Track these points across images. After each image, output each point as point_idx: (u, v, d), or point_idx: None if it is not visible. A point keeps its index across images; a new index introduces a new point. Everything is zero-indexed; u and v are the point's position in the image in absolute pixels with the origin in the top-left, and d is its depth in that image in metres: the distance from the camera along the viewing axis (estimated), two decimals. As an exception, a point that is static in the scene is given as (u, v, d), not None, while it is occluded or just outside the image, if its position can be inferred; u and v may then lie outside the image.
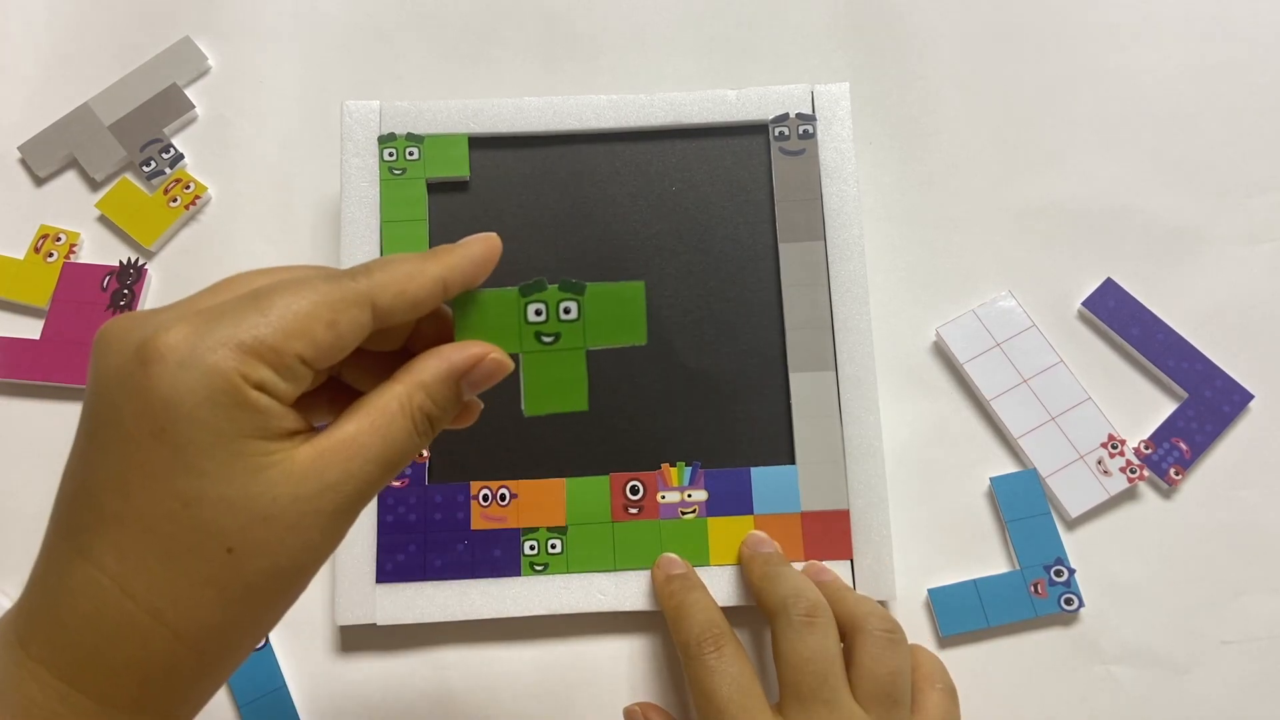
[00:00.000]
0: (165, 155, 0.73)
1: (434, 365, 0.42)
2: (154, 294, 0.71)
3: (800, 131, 0.68)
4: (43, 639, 0.36)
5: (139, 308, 0.70)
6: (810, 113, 0.68)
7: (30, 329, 0.70)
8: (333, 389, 0.45)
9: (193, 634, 0.36)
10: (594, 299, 0.48)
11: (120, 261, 0.71)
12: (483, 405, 0.46)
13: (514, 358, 0.45)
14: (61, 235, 0.72)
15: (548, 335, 0.48)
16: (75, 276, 0.71)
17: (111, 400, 0.36)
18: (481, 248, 0.44)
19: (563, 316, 0.48)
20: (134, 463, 0.35)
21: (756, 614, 0.61)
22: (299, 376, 0.38)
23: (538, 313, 0.48)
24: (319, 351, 0.38)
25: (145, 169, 0.73)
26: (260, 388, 0.36)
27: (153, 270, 0.72)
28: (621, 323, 0.48)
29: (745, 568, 0.61)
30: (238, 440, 0.36)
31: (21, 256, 0.71)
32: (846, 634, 0.56)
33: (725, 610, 0.58)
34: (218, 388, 0.35)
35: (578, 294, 0.48)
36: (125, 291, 0.70)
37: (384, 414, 0.40)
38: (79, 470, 0.37)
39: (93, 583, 0.35)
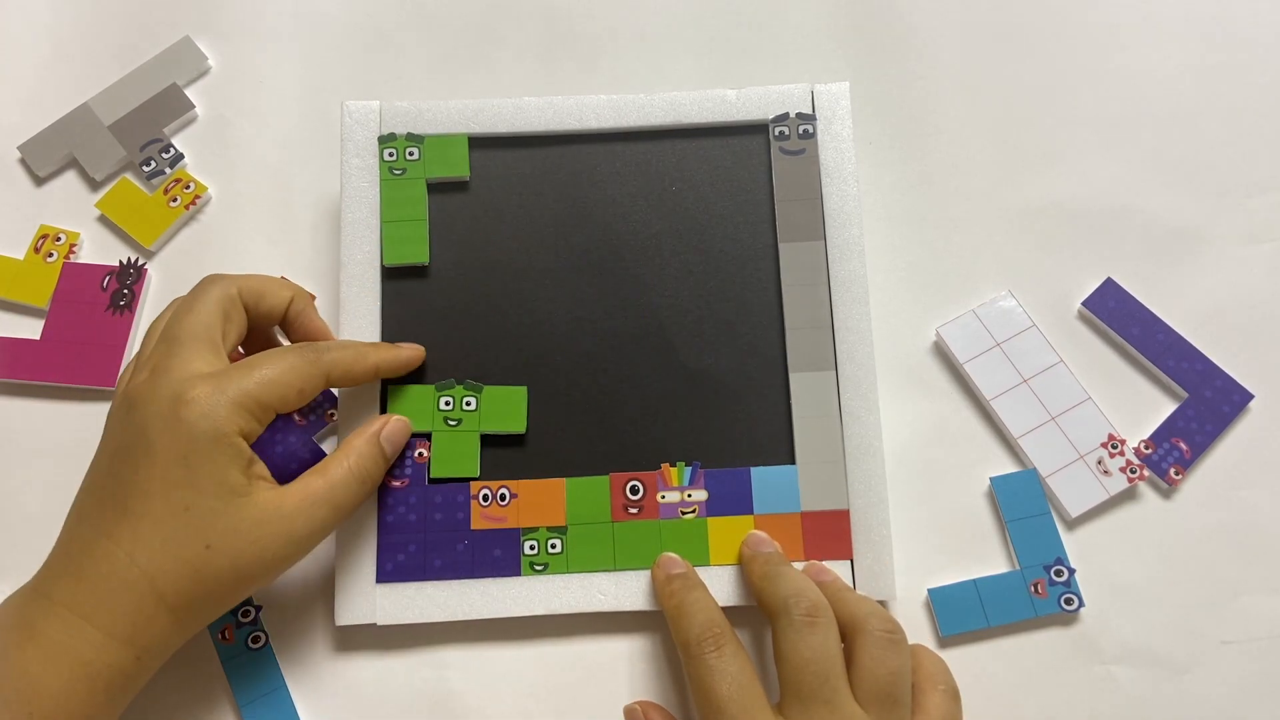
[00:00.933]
0: (165, 155, 0.73)
1: (361, 432, 0.61)
2: (154, 294, 0.71)
3: (800, 131, 0.68)
4: (68, 589, 0.52)
5: (139, 307, 0.70)
6: (810, 112, 0.68)
7: (30, 329, 0.70)
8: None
9: (171, 597, 0.52)
10: (488, 396, 0.65)
11: (120, 261, 0.71)
12: None
13: (426, 435, 0.64)
14: (61, 235, 0.72)
15: (453, 420, 0.65)
16: (75, 276, 0.71)
17: (147, 433, 0.52)
18: (410, 354, 0.64)
19: (465, 407, 0.65)
20: (158, 476, 0.52)
21: (757, 614, 0.61)
22: (267, 422, 0.57)
23: (446, 403, 0.65)
24: (288, 407, 0.57)
25: (145, 169, 0.73)
26: (245, 435, 0.54)
27: (152, 270, 0.72)
28: (507, 415, 0.65)
29: (746, 568, 0.61)
30: (228, 471, 0.53)
31: (21, 257, 0.71)
32: (847, 634, 0.56)
33: (725, 610, 0.58)
34: (222, 432, 0.53)
35: (476, 392, 0.65)
36: (125, 291, 0.70)
37: (334, 470, 0.58)
38: (107, 480, 0.54)
39: (111, 554, 0.51)
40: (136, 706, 0.57)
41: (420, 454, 0.64)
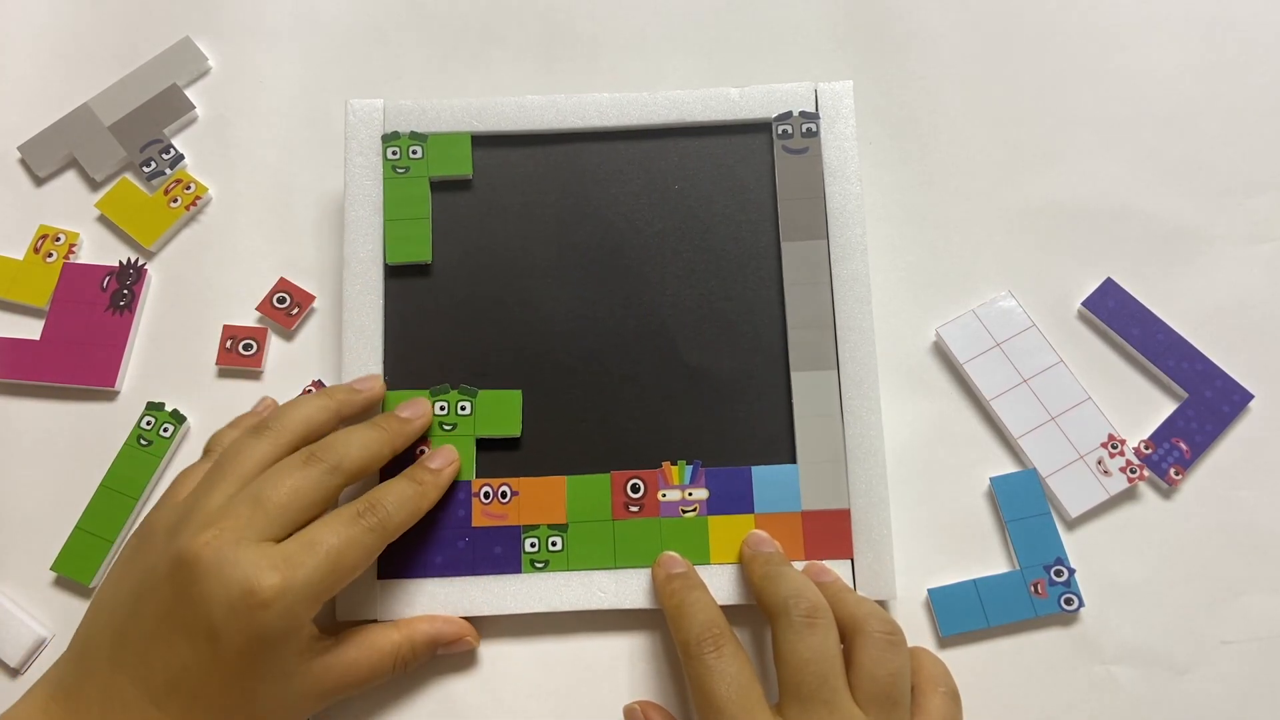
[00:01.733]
0: (165, 156, 0.73)
1: (425, 629, 0.60)
2: (154, 295, 0.71)
3: (803, 130, 0.68)
4: None
5: (139, 307, 0.70)
6: (814, 111, 0.68)
7: (29, 329, 0.70)
8: None
9: None
10: (483, 401, 0.65)
11: (120, 262, 0.71)
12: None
13: (424, 438, 0.64)
14: (61, 235, 0.72)
15: (448, 425, 0.65)
16: (75, 277, 0.71)
17: (211, 619, 0.50)
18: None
19: (459, 412, 0.65)
20: (220, 664, 0.51)
21: (757, 613, 0.61)
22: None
23: (441, 408, 0.65)
24: (350, 578, 0.56)
25: (145, 169, 0.73)
26: (307, 624, 0.54)
27: (153, 270, 0.71)
28: (502, 419, 0.65)
29: (746, 567, 0.61)
30: (287, 660, 0.53)
31: (21, 257, 0.71)
32: (847, 635, 0.56)
33: (725, 609, 0.58)
34: (291, 630, 0.52)
35: (471, 397, 0.65)
36: (125, 292, 0.70)
37: (377, 650, 0.58)
38: (153, 647, 0.52)
39: None
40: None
41: (421, 450, 0.64)
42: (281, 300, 0.70)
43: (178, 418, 0.68)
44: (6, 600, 0.65)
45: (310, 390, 0.68)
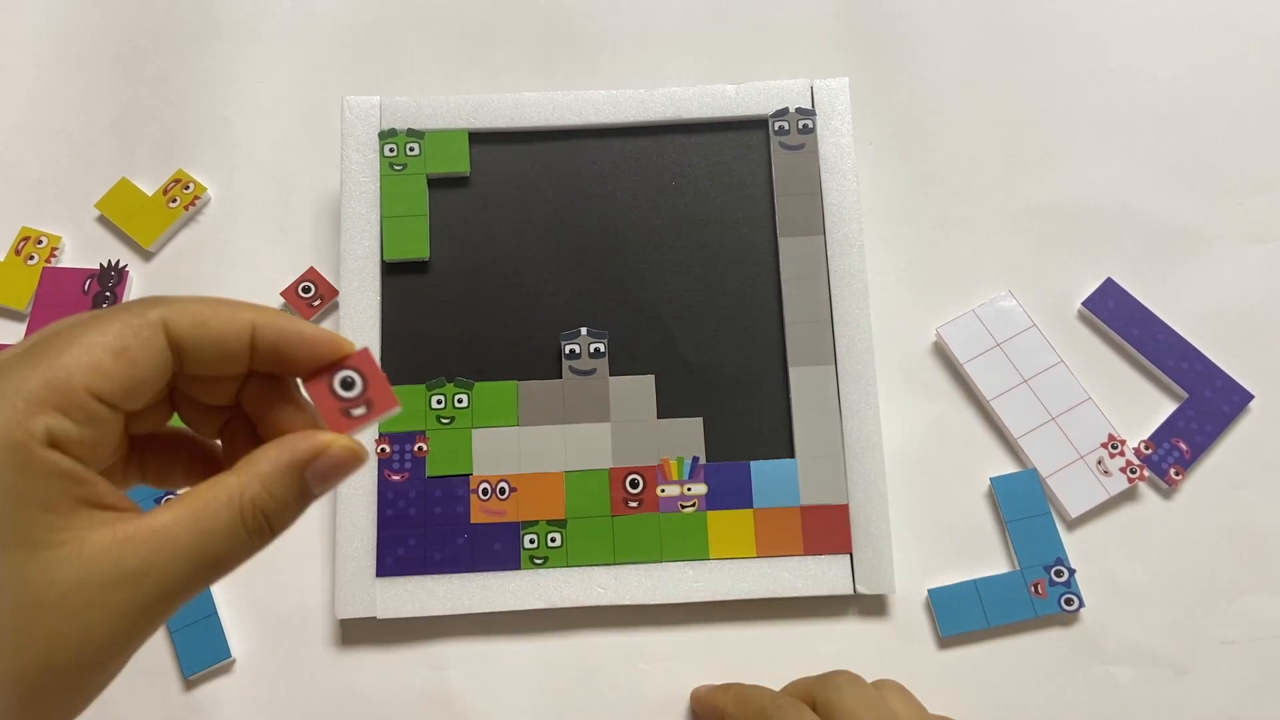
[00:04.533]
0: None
1: (273, 455, 0.36)
2: (138, 295, 0.70)
3: (800, 126, 0.68)
4: None
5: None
6: (810, 107, 0.69)
7: (10, 333, 0.70)
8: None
9: None
10: (480, 393, 0.65)
11: (101, 264, 0.71)
12: None
13: (421, 433, 0.64)
14: (43, 239, 0.71)
15: (445, 418, 0.65)
16: (55, 281, 0.71)
17: None
18: (318, 333, 0.38)
19: (456, 405, 0.65)
20: None
21: (756, 609, 0.62)
22: (98, 419, 0.33)
23: (438, 402, 0.65)
24: (112, 384, 0.33)
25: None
26: (54, 442, 0.32)
27: (152, 270, 0.71)
28: (500, 411, 0.65)
29: (713, 706, 0.61)
30: (18, 510, 0.31)
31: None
32: (816, 700, 0.55)
33: (725, 605, 0.59)
34: (13, 442, 0.31)
35: (468, 389, 0.65)
36: (107, 294, 0.70)
37: (208, 504, 0.35)
38: None
39: None
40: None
41: (420, 448, 0.64)
42: (306, 290, 0.70)
43: None
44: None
45: None
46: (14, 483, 0.31)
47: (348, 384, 0.38)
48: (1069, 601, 0.63)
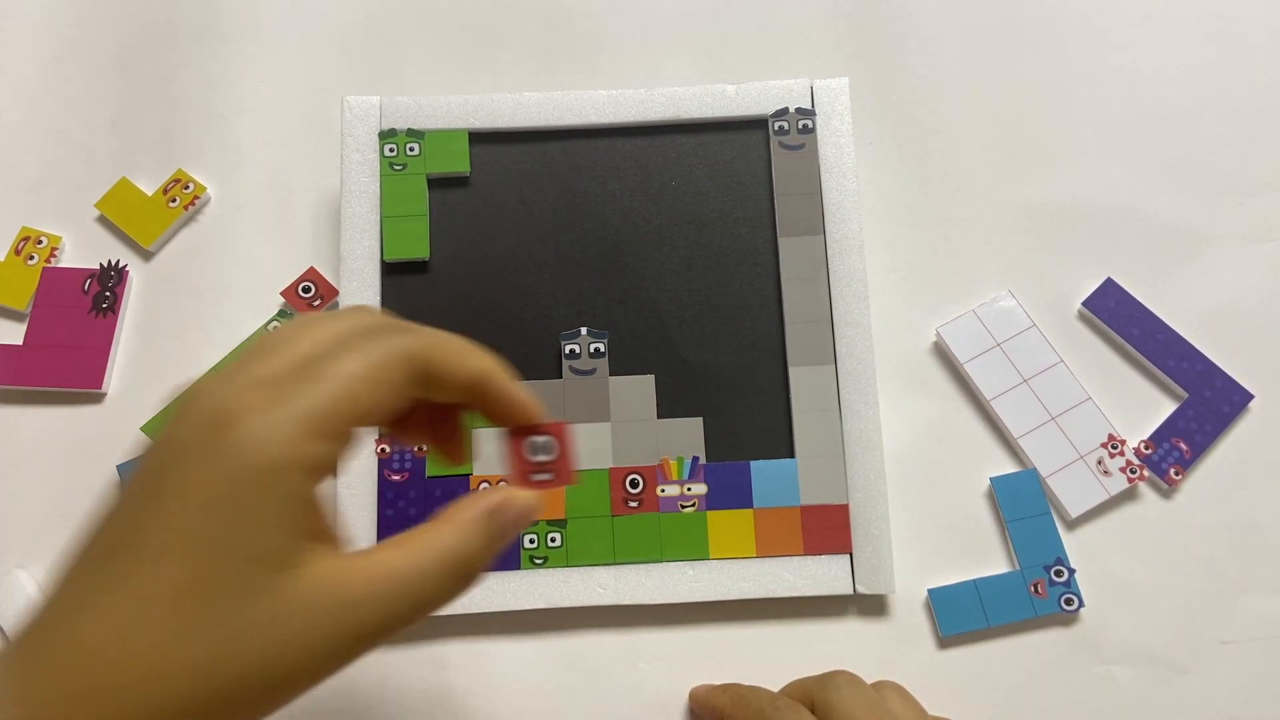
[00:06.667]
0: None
1: (469, 504, 0.40)
2: (148, 295, 0.71)
3: (800, 126, 0.68)
4: (22, 679, 0.33)
5: (122, 309, 0.70)
6: (810, 107, 0.69)
7: (11, 333, 0.70)
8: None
9: (156, 713, 0.33)
10: None
11: (101, 264, 0.71)
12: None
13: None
14: (43, 239, 0.71)
15: None
16: (55, 281, 0.71)
17: (168, 460, 0.35)
18: (528, 400, 0.44)
19: None
20: (172, 528, 0.33)
21: (756, 609, 0.62)
22: (349, 442, 0.37)
23: None
24: (365, 412, 0.37)
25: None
26: (314, 467, 0.35)
27: (151, 271, 0.71)
28: None
29: (712, 706, 0.61)
30: (272, 530, 0.34)
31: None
32: (815, 701, 0.56)
33: (725, 605, 0.59)
34: (279, 463, 0.34)
35: None
36: (107, 294, 0.70)
37: (423, 544, 0.38)
38: (105, 526, 0.35)
39: (74, 645, 0.33)
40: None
41: (420, 448, 0.64)
42: (306, 290, 0.70)
43: None
44: (33, 586, 0.66)
45: None
46: (272, 505, 0.34)
47: (544, 448, 0.44)
48: (1069, 601, 0.63)
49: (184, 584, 0.33)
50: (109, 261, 0.71)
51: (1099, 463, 0.65)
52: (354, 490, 0.63)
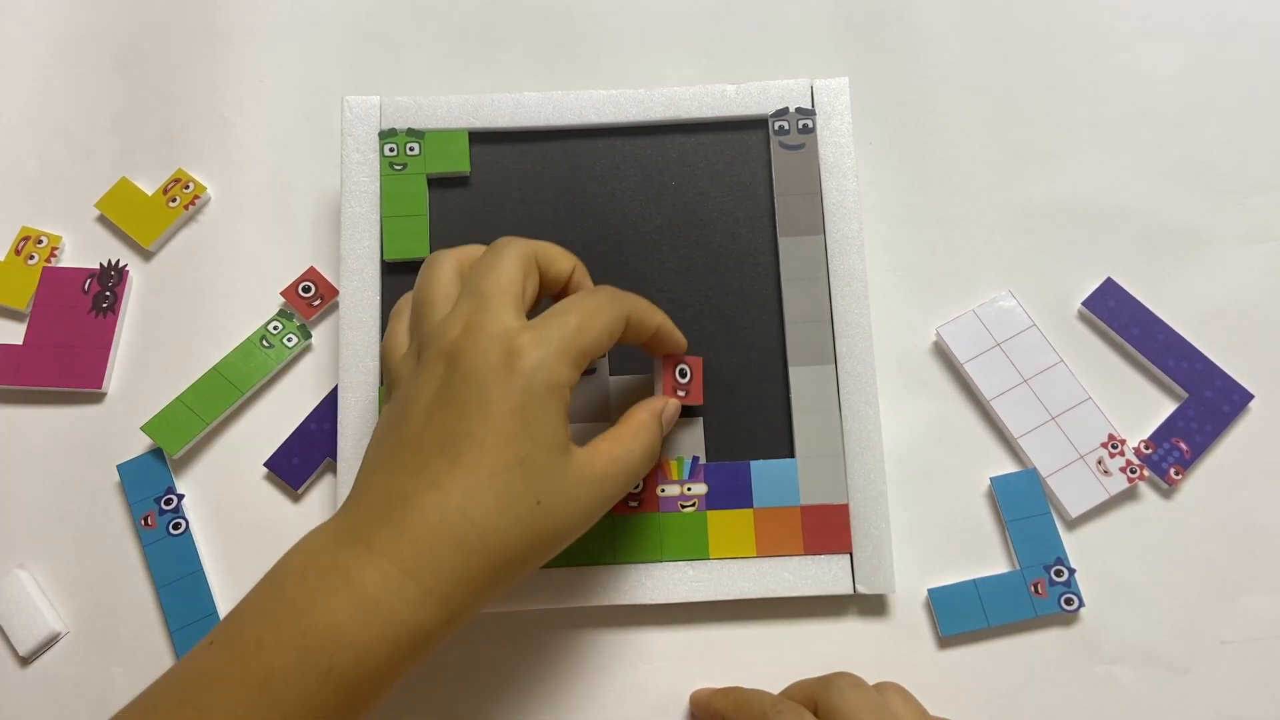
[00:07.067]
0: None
1: (647, 407, 0.58)
2: (148, 295, 0.71)
3: (800, 126, 0.68)
4: (389, 539, 0.47)
5: (121, 309, 0.70)
6: (810, 107, 0.68)
7: (11, 333, 0.71)
8: None
9: (499, 553, 0.48)
10: None
11: (101, 264, 0.71)
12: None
13: None
14: (43, 238, 0.71)
15: None
16: (55, 281, 0.71)
17: (478, 384, 0.49)
18: (680, 337, 0.61)
19: None
20: (493, 428, 0.49)
21: (756, 609, 0.63)
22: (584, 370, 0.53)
23: None
24: (599, 351, 0.53)
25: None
26: (571, 385, 0.52)
27: (151, 271, 0.71)
28: None
29: (713, 710, 0.61)
30: (559, 424, 0.51)
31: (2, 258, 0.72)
32: (818, 703, 0.56)
33: (725, 605, 0.59)
34: (557, 383, 0.50)
35: None
36: (107, 294, 0.70)
37: (630, 441, 0.55)
38: (427, 429, 0.50)
39: (441, 506, 0.48)
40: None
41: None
42: (306, 289, 0.70)
43: (305, 333, 0.69)
44: (33, 586, 0.65)
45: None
46: (555, 410, 0.50)
47: (683, 374, 0.61)
48: (1069, 601, 0.63)
49: (509, 462, 0.49)
50: (109, 261, 0.71)
51: (1099, 463, 0.65)
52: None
